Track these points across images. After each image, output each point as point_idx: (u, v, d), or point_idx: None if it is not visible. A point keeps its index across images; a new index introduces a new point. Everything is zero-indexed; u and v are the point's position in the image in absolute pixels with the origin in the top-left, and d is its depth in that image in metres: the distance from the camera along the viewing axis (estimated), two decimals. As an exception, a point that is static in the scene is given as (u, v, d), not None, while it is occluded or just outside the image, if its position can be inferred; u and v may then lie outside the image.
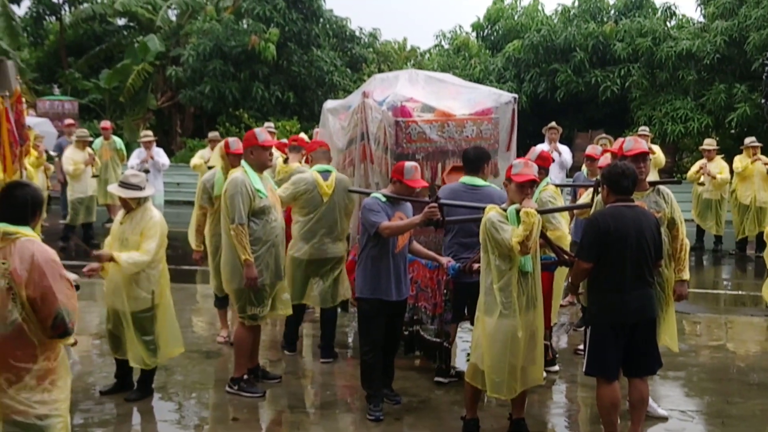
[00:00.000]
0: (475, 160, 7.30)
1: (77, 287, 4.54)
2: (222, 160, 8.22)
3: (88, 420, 6.62)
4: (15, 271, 4.26)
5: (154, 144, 15.71)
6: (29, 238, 4.40)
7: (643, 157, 6.49)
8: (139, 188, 6.83)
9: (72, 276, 4.49)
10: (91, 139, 15.26)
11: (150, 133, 16.32)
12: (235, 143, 8.09)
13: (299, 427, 6.55)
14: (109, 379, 7.38)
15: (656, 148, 14.42)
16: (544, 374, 6.55)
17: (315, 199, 7.92)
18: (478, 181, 7.23)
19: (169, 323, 7.07)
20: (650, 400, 6.59)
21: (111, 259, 6.65)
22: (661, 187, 6.63)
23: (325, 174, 8.01)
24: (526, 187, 5.96)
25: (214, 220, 8.17)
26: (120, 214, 7.07)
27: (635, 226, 5.79)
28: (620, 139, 7.91)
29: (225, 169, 8.06)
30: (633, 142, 6.63)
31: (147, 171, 14.31)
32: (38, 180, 13.29)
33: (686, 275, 6.60)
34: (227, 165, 8.05)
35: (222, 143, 8.35)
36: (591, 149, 9.54)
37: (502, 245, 5.80)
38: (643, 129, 14.94)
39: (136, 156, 15.52)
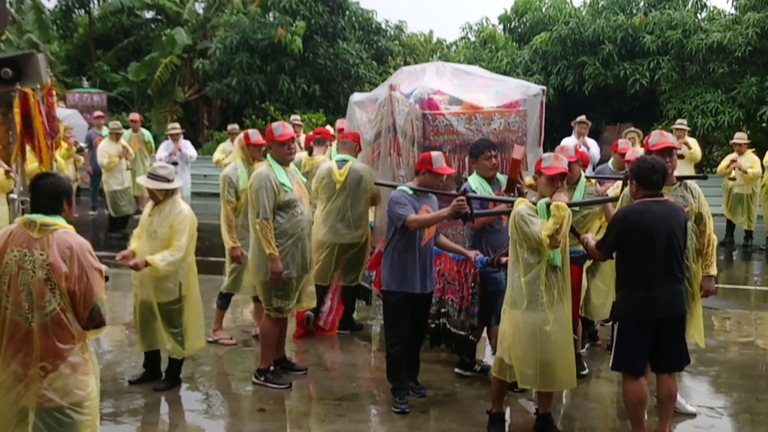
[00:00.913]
0: None
1: (106, 278, 4.58)
2: (242, 152, 8.26)
3: (117, 409, 6.67)
4: (55, 263, 4.30)
5: (182, 136, 15.79)
6: (66, 230, 4.44)
7: (668, 151, 6.39)
8: (167, 180, 6.86)
9: (102, 267, 4.52)
10: (123, 131, 15.41)
11: (177, 125, 16.41)
12: (255, 134, 8.29)
13: (325, 418, 6.56)
14: (138, 369, 7.44)
15: (693, 142, 14.29)
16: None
17: (330, 187, 8.40)
18: None
19: (196, 316, 7.12)
20: (678, 397, 6.53)
21: (146, 264, 6.69)
22: (689, 181, 6.56)
23: (341, 163, 8.38)
24: (557, 180, 5.93)
25: (241, 214, 8.17)
26: (149, 206, 7.11)
27: (665, 222, 5.72)
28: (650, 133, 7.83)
29: (246, 161, 8.18)
30: (659, 136, 6.53)
31: (175, 163, 14.40)
32: (68, 171, 13.44)
33: (713, 271, 6.53)
34: (248, 156, 8.19)
35: (242, 135, 8.40)
36: (624, 145, 9.19)
37: (531, 239, 5.77)
38: (681, 122, 14.70)
39: (164, 148, 15.62)
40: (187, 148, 15.67)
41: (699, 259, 6.48)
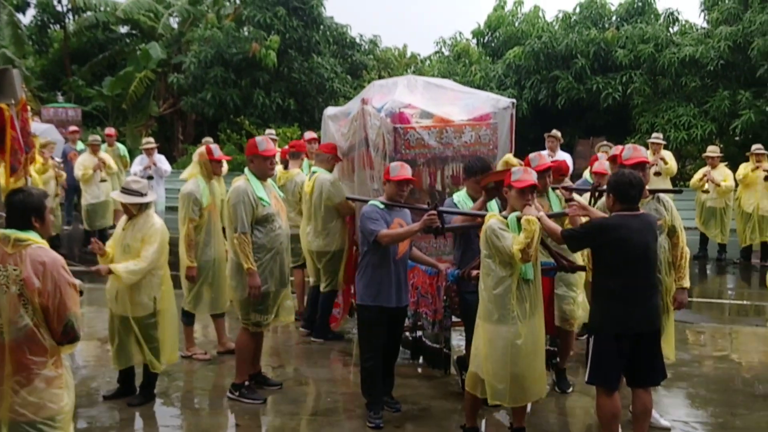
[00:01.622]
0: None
1: (81, 293, 4.56)
2: (202, 168, 8.20)
3: (91, 424, 6.63)
4: (28, 278, 4.29)
5: (156, 151, 15.74)
6: (39, 245, 4.43)
7: (642, 166, 6.46)
8: (140, 194, 6.89)
9: (77, 282, 4.50)
10: (101, 144, 15.38)
11: (152, 139, 16.35)
12: (217, 150, 8.38)
13: (300, 434, 6.54)
14: (113, 384, 7.40)
15: (668, 156, 14.39)
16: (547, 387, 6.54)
17: (305, 198, 9.06)
18: None
19: (171, 330, 7.12)
20: (653, 411, 6.54)
21: (109, 272, 6.71)
22: (661, 195, 6.63)
23: (312, 175, 8.98)
24: (527, 193, 5.94)
25: (203, 231, 8.13)
26: (122, 220, 7.10)
27: (641, 236, 5.76)
28: (619, 146, 7.89)
29: (206, 177, 8.19)
30: (632, 150, 6.60)
31: (150, 177, 14.38)
32: (49, 187, 13.46)
33: (687, 283, 6.59)
34: (209, 172, 8.20)
35: (202, 150, 8.31)
36: (599, 166, 9.07)
37: (503, 253, 5.79)
38: (657, 136, 14.84)
39: (139, 162, 15.56)
40: (162, 162, 15.61)
41: (672, 272, 6.54)
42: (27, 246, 4.37)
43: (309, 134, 11.78)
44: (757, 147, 14.34)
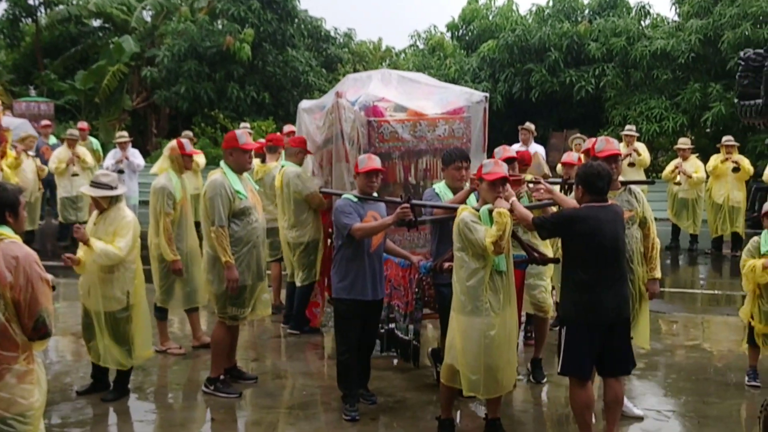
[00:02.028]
0: None
1: (53, 288, 4.54)
2: (173, 162, 8.19)
3: (65, 420, 6.60)
4: (0, 273, 4.24)
5: (130, 145, 15.63)
6: (13, 240, 4.40)
7: (614, 158, 6.53)
8: (109, 187, 6.86)
9: (49, 277, 4.48)
10: (77, 139, 15.29)
11: (125, 133, 16.23)
12: (189, 144, 8.44)
13: (275, 427, 6.55)
14: (86, 380, 7.37)
15: (642, 148, 14.53)
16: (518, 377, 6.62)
17: (277, 191, 9.12)
18: None
19: (144, 324, 7.09)
20: (626, 400, 6.64)
21: (80, 262, 6.72)
22: (633, 186, 6.69)
23: (281, 169, 9.01)
24: (498, 186, 5.98)
25: (176, 225, 8.12)
26: (94, 214, 7.07)
27: (610, 226, 5.80)
28: (593, 139, 7.95)
29: (178, 171, 8.20)
30: (605, 143, 6.66)
31: (121, 171, 14.27)
32: (27, 181, 13.69)
33: (658, 274, 6.67)
34: (180, 166, 8.20)
35: (173, 144, 8.30)
36: (567, 156, 9.23)
37: (475, 245, 5.83)
38: (630, 128, 15.03)
39: (111, 156, 15.43)
40: (135, 156, 15.48)
41: (643, 262, 6.61)
42: (0, 241, 4.34)
43: (288, 127, 11.79)
44: (727, 139, 14.50)
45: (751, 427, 6.60)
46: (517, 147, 13.89)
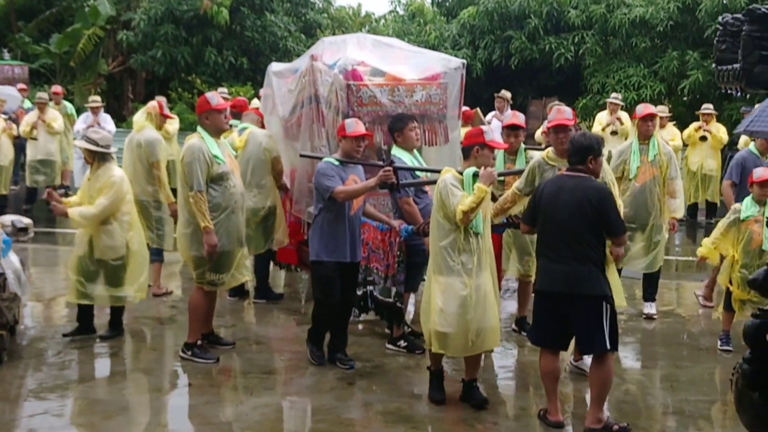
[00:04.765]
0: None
1: (26, 230, 4.62)
2: (153, 120, 8.90)
3: (40, 386, 6.55)
4: None
5: (102, 110, 15.48)
6: None
7: (562, 128, 6.62)
8: (95, 144, 7.32)
9: (26, 221, 4.52)
10: (48, 102, 15.20)
11: (98, 98, 16.08)
12: (166, 107, 9.18)
13: (253, 392, 6.55)
14: (63, 346, 7.42)
15: (625, 117, 14.55)
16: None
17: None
18: None
19: (139, 270, 7.62)
20: (585, 358, 6.73)
21: (65, 214, 7.30)
22: None
23: (242, 131, 8.80)
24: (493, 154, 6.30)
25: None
26: (88, 170, 7.51)
27: (572, 196, 5.70)
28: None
29: (156, 128, 9.01)
30: (556, 113, 6.75)
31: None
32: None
33: None
34: (158, 124, 9.01)
35: (154, 103, 9.07)
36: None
37: (448, 208, 5.90)
38: (615, 96, 15.07)
39: (83, 121, 15.28)
40: (107, 122, 15.27)
41: None
42: None
43: (264, 91, 11.69)
44: (705, 107, 14.59)
45: (724, 390, 6.68)
46: (492, 115, 13.98)
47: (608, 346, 5.72)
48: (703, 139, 14.36)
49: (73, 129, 15.28)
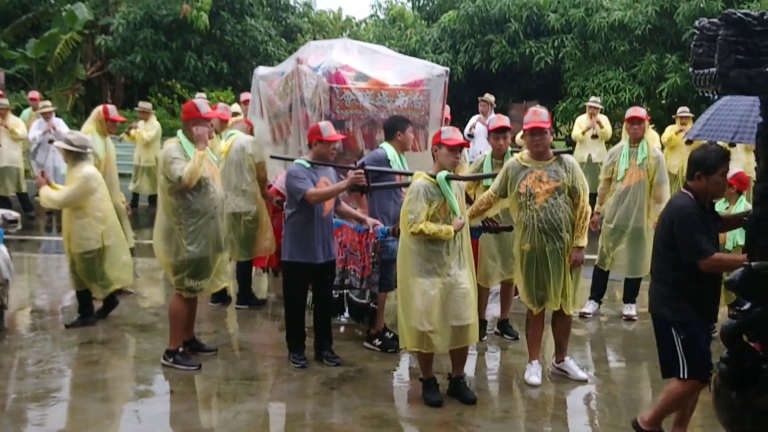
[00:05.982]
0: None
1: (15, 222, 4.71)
2: (98, 125, 9.10)
3: (19, 395, 6.51)
4: None
5: (53, 114, 15.38)
6: None
7: (538, 131, 6.65)
8: (70, 143, 7.88)
9: (15, 214, 4.57)
10: (7, 107, 15.06)
11: (48, 103, 15.90)
12: (114, 111, 9.35)
13: (235, 398, 6.53)
14: (42, 354, 7.41)
15: (604, 120, 14.71)
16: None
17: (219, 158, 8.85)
18: None
19: (115, 263, 8.19)
20: (571, 362, 6.99)
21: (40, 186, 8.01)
22: (565, 156, 6.78)
23: (229, 137, 8.85)
24: (456, 151, 6.22)
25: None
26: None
27: None
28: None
29: (102, 133, 9.11)
30: (531, 116, 6.81)
31: (51, 141, 14.05)
32: None
33: (582, 242, 6.69)
34: (104, 130, 9.14)
35: (100, 109, 9.22)
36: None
37: (408, 213, 6.06)
38: (595, 100, 15.22)
39: (36, 127, 15.11)
40: (61, 125, 15.15)
41: (572, 230, 6.69)
42: None
43: (245, 95, 11.72)
44: (682, 110, 14.71)
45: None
46: (476, 118, 14.02)
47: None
48: (689, 142, 14.43)
49: (29, 136, 15.16)
